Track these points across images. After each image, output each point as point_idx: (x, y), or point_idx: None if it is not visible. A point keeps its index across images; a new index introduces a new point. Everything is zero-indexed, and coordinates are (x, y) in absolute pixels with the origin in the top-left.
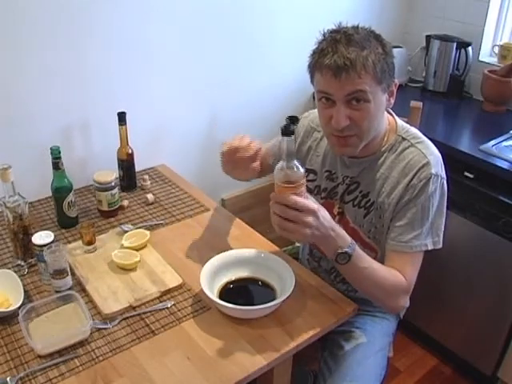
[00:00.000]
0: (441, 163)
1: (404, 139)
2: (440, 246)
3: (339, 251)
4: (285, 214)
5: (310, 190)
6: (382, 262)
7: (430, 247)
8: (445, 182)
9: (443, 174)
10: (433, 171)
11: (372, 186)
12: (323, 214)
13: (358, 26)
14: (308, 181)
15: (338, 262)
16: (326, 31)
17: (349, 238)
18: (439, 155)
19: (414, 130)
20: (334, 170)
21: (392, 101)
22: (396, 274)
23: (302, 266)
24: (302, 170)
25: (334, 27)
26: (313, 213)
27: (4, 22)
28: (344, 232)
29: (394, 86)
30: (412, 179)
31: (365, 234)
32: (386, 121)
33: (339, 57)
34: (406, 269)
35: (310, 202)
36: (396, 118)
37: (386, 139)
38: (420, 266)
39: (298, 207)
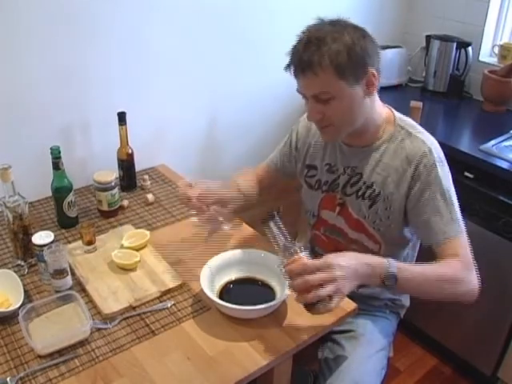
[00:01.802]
0: (440, 149)
1: (402, 128)
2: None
3: (384, 276)
4: (308, 283)
5: (310, 186)
6: (386, 255)
7: (463, 228)
8: (446, 165)
9: (443, 158)
10: (435, 156)
11: (376, 177)
12: (342, 258)
13: (324, 22)
14: (308, 177)
15: (388, 286)
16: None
17: (383, 260)
18: (437, 142)
19: (412, 121)
20: (334, 163)
21: (372, 89)
22: (446, 262)
23: None
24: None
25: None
26: (331, 265)
27: (4, 22)
28: (374, 257)
29: (372, 76)
30: (417, 167)
31: (369, 225)
32: (382, 112)
33: (298, 57)
34: (459, 252)
35: (322, 260)
36: (394, 111)
37: (383, 129)
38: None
39: (316, 267)
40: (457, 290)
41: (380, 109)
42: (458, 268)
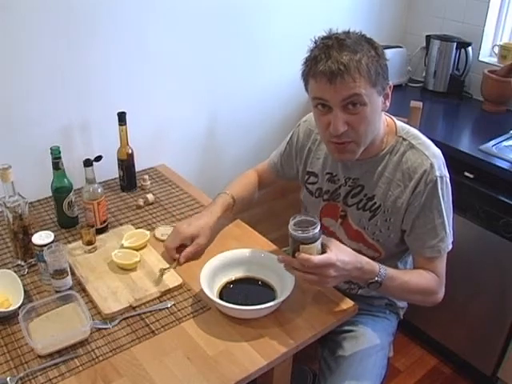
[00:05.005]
0: (443, 163)
1: (405, 140)
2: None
3: (369, 282)
4: (304, 270)
5: (311, 193)
6: (385, 262)
7: (450, 247)
8: (448, 180)
9: (446, 173)
10: (437, 174)
11: (377, 189)
12: (342, 259)
13: (349, 31)
14: (309, 183)
15: (371, 289)
16: (317, 38)
17: (376, 268)
18: (440, 154)
19: (415, 131)
20: (335, 172)
21: (387, 103)
22: (427, 276)
23: None
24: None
25: (325, 34)
26: (331, 266)
27: (4, 22)
28: (370, 263)
29: (389, 89)
30: (418, 183)
31: (369, 236)
32: (384, 123)
33: (333, 62)
34: (437, 268)
35: (327, 257)
36: (395, 119)
37: (385, 141)
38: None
39: (315, 266)
40: (426, 299)
41: (383, 119)
42: (435, 283)
